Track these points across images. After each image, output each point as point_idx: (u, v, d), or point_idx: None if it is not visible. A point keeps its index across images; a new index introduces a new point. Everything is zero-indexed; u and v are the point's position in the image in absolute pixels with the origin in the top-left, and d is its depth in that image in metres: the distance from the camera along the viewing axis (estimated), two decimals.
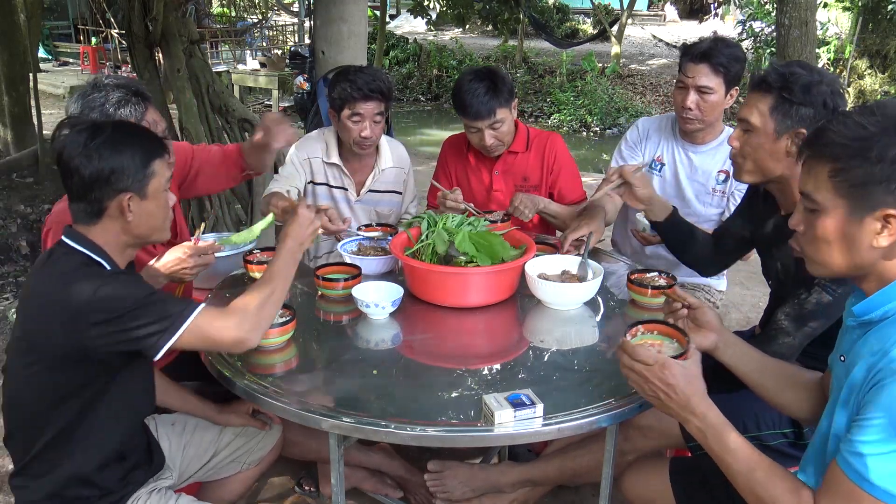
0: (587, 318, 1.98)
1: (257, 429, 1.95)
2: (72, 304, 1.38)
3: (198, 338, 1.46)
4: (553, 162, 2.68)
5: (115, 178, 1.45)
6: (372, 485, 2.35)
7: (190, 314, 1.45)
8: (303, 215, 1.71)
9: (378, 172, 2.71)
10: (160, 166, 1.53)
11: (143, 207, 1.50)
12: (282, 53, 12.57)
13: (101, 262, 1.48)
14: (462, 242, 2.00)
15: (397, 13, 22.02)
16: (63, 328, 1.39)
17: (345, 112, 2.50)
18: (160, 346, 1.42)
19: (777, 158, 1.76)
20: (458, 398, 1.56)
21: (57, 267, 1.45)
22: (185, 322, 1.44)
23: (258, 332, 1.54)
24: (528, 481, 2.18)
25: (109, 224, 1.49)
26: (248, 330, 1.50)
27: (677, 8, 24.05)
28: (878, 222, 1.17)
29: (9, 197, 5.67)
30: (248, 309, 1.52)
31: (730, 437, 1.29)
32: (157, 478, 1.71)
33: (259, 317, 1.54)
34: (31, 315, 1.47)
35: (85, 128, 1.47)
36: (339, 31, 4.39)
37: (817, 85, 1.70)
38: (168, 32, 4.32)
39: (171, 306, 1.45)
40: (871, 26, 10.76)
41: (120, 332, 1.39)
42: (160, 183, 1.53)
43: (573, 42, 16.10)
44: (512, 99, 2.56)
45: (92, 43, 13.80)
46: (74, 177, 1.44)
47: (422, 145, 10.14)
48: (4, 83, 6.61)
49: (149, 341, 1.42)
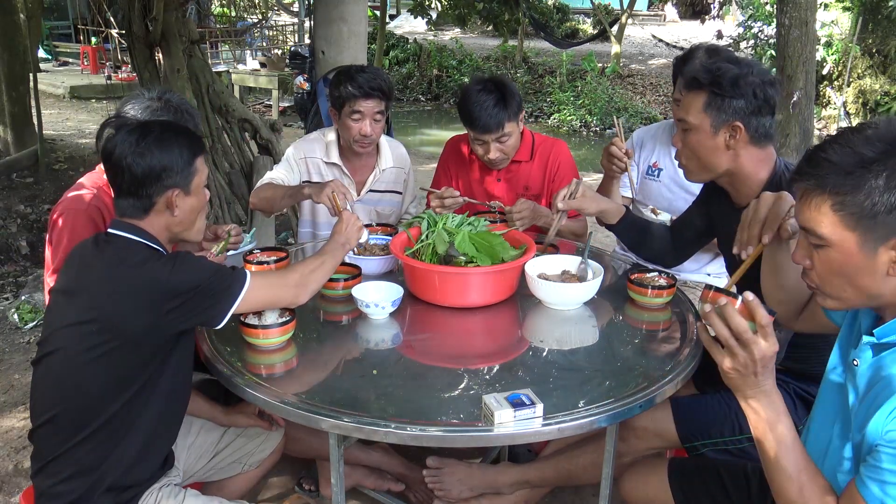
0: (587, 318, 1.98)
1: (263, 429, 1.95)
2: (150, 288, 1.47)
3: (256, 299, 1.62)
4: (556, 170, 2.67)
5: (165, 174, 1.54)
6: (372, 482, 2.35)
7: (243, 284, 1.58)
8: (347, 217, 1.93)
9: (378, 172, 2.71)
10: (201, 163, 1.64)
11: (187, 202, 1.60)
12: (282, 53, 12.57)
13: (160, 249, 1.58)
14: (462, 243, 2.01)
15: (397, 13, 22.00)
16: (141, 310, 1.47)
17: (345, 110, 2.50)
18: (225, 313, 1.56)
19: (718, 153, 1.79)
20: (458, 398, 1.56)
21: (124, 254, 1.52)
22: (241, 291, 1.57)
23: (309, 290, 1.74)
24: (526, 482, 2.18)
25: (156, 219, 1.58)
26: (300, 286, 1.71)
27: (677, 8, 24.04)
28: (894, 251, 1.12)
29: (9, 197, 5.67)
30: (302, 271, 1.74)
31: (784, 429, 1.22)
32: (168, 475, 1.72)
33: (310, 278, 1.74)
34: (101, 300, 1.49)
35: (135, 128, 1.57)
36: (339, 31, 4.39)
37: (745, 76, 1.72)
38: (168, 32, 4.32)
39: (229, 278, 1.58)
40: (871, 26, 10.75)
41: (192, 309, 1.51)
42: (202, 179, 1.64)
43: (573, 42, 16.08)
44: (520, 112, 2.54)
45: (92, 43, 13.79)
46: (126, 174, 1.53)
47: (422, 145, 10.14)
48: (4, 83, 6.61)
49: (213, 311, 1.55)
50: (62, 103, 11.29)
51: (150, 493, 1.62)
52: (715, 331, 1.20)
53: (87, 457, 1.52)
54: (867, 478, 1.12)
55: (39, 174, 6.21)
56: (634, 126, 11.32)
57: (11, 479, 2.54)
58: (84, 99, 11.57)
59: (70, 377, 1.52)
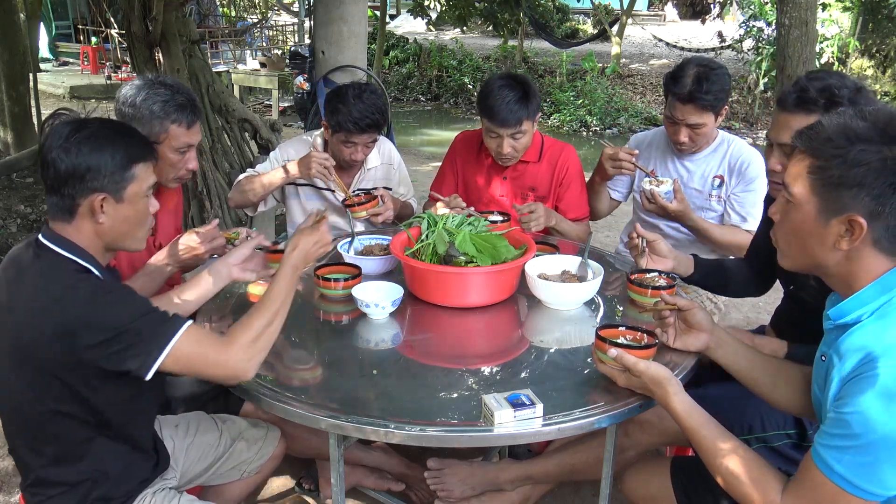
0: (587, 318, 1.98)
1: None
2: (68, 320, 1.33)
3: (186, 367, 1.41)
4: (564, 175, 2.67)
5: (90, 175, 1.40)
6: (373, 481, 2.35)
7: (175, 331, 1.39)
8: (321, 233, 1.65)
9: (364, 171, 2.73)
10: (143, 171, 1.47)
11: (118, 211, 1.45)
12: (282, 53, 12.55)
13: (91, 268, 1.44)
14: (462, 243, 2.00)
15: (397, 13, 22.00)
16: (59, 341, 1.34)
17: (339, 136, 2.54)
18: (151, 363, 1.37)
19: None
20: (458, 398, 1.56)
21: (49, 276, 1.38)
22: (172, 339, 1.38)
23: (254, 365, 1.47)
24: (528, 478, 2.18)
25: (82, 224, 1.44)
26: (244, 365, 1.45)
27: (678, 8, 24.04)
28: (843, 226, 1.18)
29: (9, 197, 5.68)
30: (244, 339, 1.46)
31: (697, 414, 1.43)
32: (163, 477, 1.71)
33: (257, 348, 1.48)
34: (21, 324, 1.38)
35: (70, 121, 1.42)
36: (339, 31, 4.39)
37: (857, 93, 1.69)
38: (168, 32, 4.32)
39: (162, 325, 1.39)
40: (871, 26, 10.76)
41: (115, 352, 1.35)
42: (140, 188, 1.47)
43: (573, 42, 16.08)
44: (537, 112, 2.54)
45: (92, 43, 13.79)
46: (50, 169, 1.40)
47: (422, 145, 10.14)
48: (4, 83, 6.61)
49: (139, 360, 1.36)
50: (62, 103, 11.29)
51: (143, 498, 1.60)
52: (616, 381, 1.53)
53: (66, 475, 1.49)
54: (819, 445, 1.19)
55: (39, 174, 6.20)
56: (634, 126, 11.33)
57: (11, 478, 2.54)
58: (84, 99, 11.58)
59: (8, 402, 1.47)
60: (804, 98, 1.72)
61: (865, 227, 1.16)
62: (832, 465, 1.16)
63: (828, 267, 1.25)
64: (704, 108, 2.40)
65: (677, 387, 1.45)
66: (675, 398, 1.44)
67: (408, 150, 3.13)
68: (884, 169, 1.13)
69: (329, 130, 2.58)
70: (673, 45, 16.62)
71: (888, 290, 1.19)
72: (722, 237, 2.48)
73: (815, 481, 1.19)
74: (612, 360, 1.53)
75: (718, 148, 2.58)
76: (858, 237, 1.17)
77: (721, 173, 2.57)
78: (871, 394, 1.12)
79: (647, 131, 2.85)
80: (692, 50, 15.64)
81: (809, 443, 1.71)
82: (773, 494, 1.27)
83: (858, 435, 1.12)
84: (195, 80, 4.56)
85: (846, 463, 1.14)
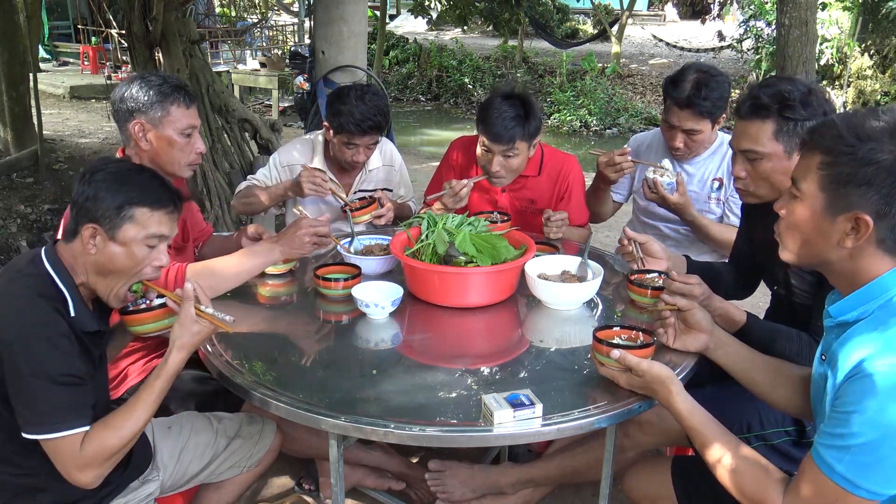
0: (587, 318, 1.98)
1: (253, 428, 1.94)
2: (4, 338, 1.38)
3: (51, 453, 1.42)
4: (565, 189, 2.64)
5: (89, 205, 1.48)
6: (373, 481, 2.35)
7: (63, 426, 1.39)
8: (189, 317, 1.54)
9: (365, 173, 2.72)
10: (144, 216, 1.50)
11: (107, 247, 1.49)
12: (282, 53, 12.55)
13: (63, 290, 1.47)
14: (462, 243, 2.00)
15: (397, 13, 22.00)
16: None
17: (341, 137, 2.54)
18: (27, 432, 1.39)
19: None
20: (458, 398, 1.56)
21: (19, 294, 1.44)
22: (53, 432, 1.38)
23: (99, 479, 1.45)
24: (528, 481, 2.18)
25: (78, 247, 1.51)
26: (89, 482, 1.44)
27: (678, 8, 24.03)
28: (849, 223, 1.18)
29: (9, 197, 5.67)
30: (97, 446, 1.43)
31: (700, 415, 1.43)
32: (144, 479, 1.71)
33: (105, 466, 1.45)
34: None
35: (109, 159, 1.57)
36: (339, 31, 4.40)
37: (809, 95, 1.70)
38: (168, 32, 4.33)
39: (58, 411, 1.39)
40: (871, 26, 10.76)
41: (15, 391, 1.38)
42: (137, 233, 1.49)
43: (573, 42, 16.08)
44: (536, 135, 2.48)
45: (92, 43, 13.78)
46: (73, 191, 1.52)
47: (422, 145, 10.14)
48: (4, 83, 6.61)
49: (25, 419, 1.39)
50: (62, 103, 11.29)
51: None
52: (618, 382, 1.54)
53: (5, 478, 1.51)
54: (819, 445, 1.19)
55: (39, 174, 6.20)
56: (634, 126, 11.33)
57: None
58: (84, 99, 11.57)
59: None
60: (757, 105, 1.74)
61: (871, 225, 1.16)
62: (833, 465, 1.16)
63: (831, 264, 1.25)
64: (701, 115, 2.39)
65: (679, 386, 1.45)
66: (678, 398, 1.44)
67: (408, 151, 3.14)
68: (893, 169, 1.14)
69: (331, 132, 2.58)
70: (673, 45, 16.63)
71: (889, 289, 1.20)
72: (720, 234, 2.49)
73: (816, 481, 1.19)
74: (612, 361, 1.53)
75: (718, 150, 2.58)
76: (864, 236, 1.17)
77: (720, 176, 2.57)
78: (871, 393, 1.12)
79: (645, 133, 2.85)
80: (692, 50, 15.66)
81: (808, 440, 1.72)
82: (775, 494, 1.27)
83: (858, 434, 1.12)
84: (195, 80, 4.56)
85: (847, 462, 1.14)
